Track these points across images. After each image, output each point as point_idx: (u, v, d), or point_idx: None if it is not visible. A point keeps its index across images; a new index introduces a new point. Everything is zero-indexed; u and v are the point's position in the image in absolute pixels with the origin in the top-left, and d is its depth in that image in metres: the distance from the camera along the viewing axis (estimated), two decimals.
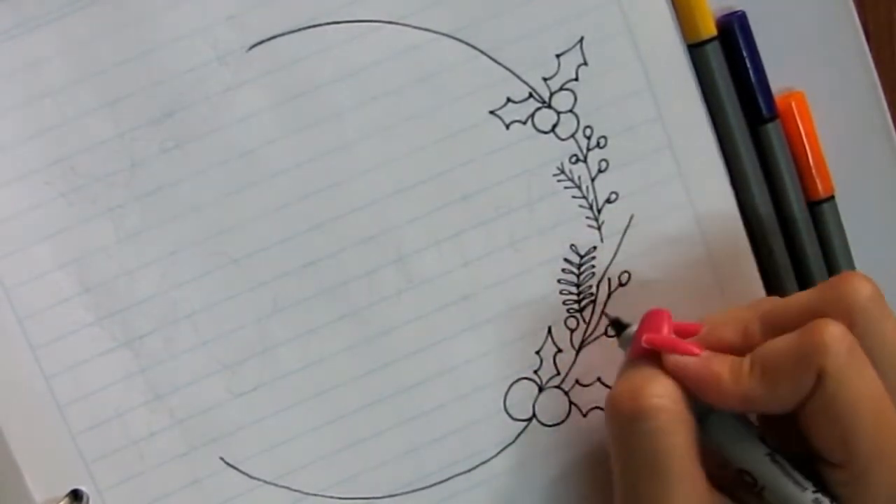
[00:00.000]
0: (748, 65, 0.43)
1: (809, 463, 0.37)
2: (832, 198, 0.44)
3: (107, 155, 0.41)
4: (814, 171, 0.44)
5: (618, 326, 0.41)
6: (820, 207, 0.44)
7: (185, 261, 0.41)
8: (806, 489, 0.37)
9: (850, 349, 0.35)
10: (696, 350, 0.38)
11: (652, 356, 0.38)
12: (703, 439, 0.38)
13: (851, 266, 0.45)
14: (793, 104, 0.44)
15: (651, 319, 0.39)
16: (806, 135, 0.44)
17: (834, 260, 0.45)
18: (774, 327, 0.38)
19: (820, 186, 0.44)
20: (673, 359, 0.37)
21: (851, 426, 0.35)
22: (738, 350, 0.38)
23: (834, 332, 0.35)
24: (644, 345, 0.38)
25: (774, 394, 0.36)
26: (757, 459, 0.37)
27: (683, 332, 0.39)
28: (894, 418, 0.36)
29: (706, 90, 0.43)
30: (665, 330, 0.39)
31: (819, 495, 0.36)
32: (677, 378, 0.37)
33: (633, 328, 0.40)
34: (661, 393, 0.37)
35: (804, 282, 0.44)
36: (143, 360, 0.41)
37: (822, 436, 0.36)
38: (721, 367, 0.37)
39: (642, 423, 0.36)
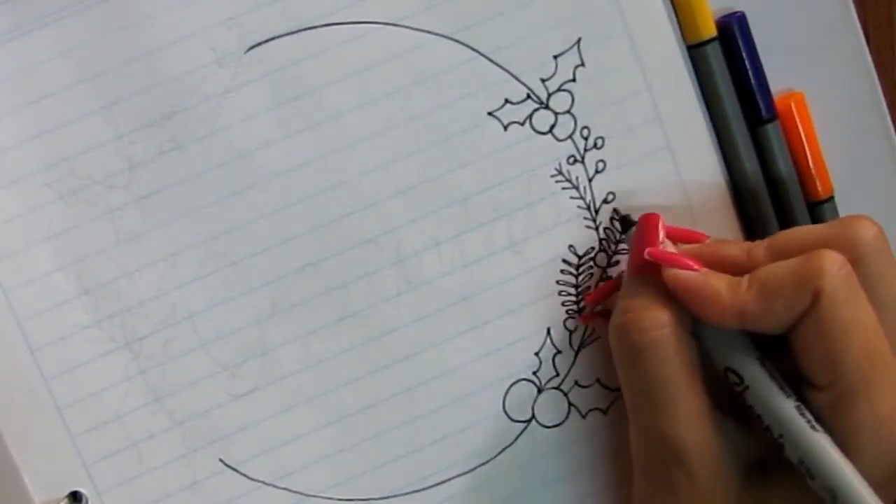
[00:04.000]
0: (747, 66, 0.43)
1: (795, 390, 0.38)
2: (832, 198, 0.44)
3: (106, 157, 0.41)
4: (813, 172, 0.44)
5: (626, 224, 0.42)
6: (820, 208, 0.44)
7: (184, 262, 0.41)
8: (790, 396, 0.37)
9: (847, 276, 0.36)
10: (696, 266, 0.38)
11: (650, 269, 0.39)
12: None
13: None
14: (792, 105, 0.44)
15: (644, 227, 0.40)
16: (805, 136, 0.44)
17: None
18: (778, 253, 0.38)
19: (819, 187, 0.44)
20: (672, 272, 0.38)
21: (841, 346, 0.36)
22: (739, 269, 0.38)
23: (834, 258, 0.36)
24: (647, 257, 0.39)
25: (770, 311, 0.37)
26: (746, 359, 0.38)
27: (687, 238, 0.40)
28: (884, 351, 0.37)
29: (706, 91, 0.43)
30: (660, 233, 0.40)
31: (801, 405, 0.37)
32: (675, 291, 0.38)
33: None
34: (660, 322, 0.38)
35: None
36: (143, 361, 0.41)
37: (811, 356, 0.37)
38: (719, 283, 0.38)
39: (644, 353, 0.38)
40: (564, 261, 0.43)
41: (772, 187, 0.44)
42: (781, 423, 0.37)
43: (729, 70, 0.43)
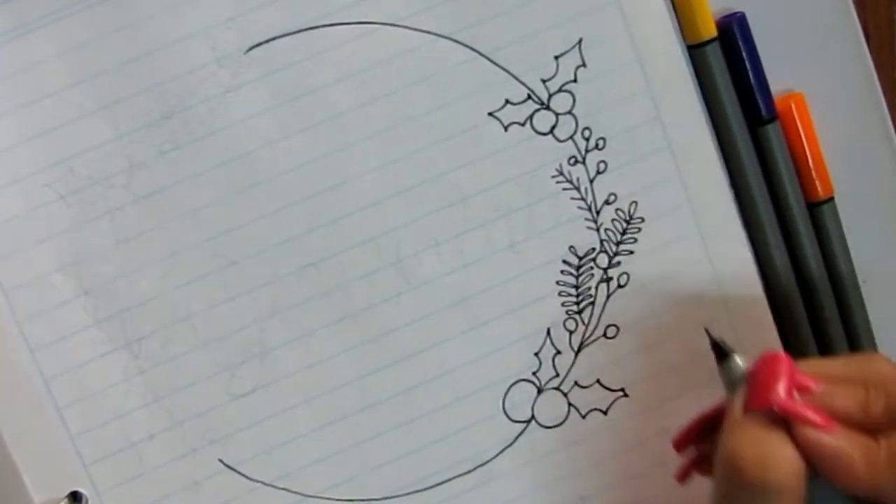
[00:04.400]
0: (747, 66, 0.43)
1: None
2: (832, 199, 0.44)
3: (105, 157, 0.41)
4: (813, 172, 0.44)
5: (719, 352, 0.38)
6: (820, 209, 0.44)
7: (183, 263, 0.41)
8: None
9: None
10: (832, 427, 0.35)
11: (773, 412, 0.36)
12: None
13: (851, 267, 0.45)
14: (792, 105, 0.44)
15: (769, 367, 0.36)
16: (805, 136, 0.44)
17: (833, 261, 0.45)
18: None
19: (819, 188, 0.44)
20: (806, 432, 0.35)
21: None
22: (854, 422, 0.36)
23: None
24: (776, 409, 0.35)
25: None
26: None
27: (797, 387, 0.37)
28: None
29: (706, 91, 0.43)
30: (784, 384, 0.36)
31: None
32: (807, 452, 0.35)
33: (738, 362, 0.37)
34: (789, 471, 0.35)
35: (804, 282, 0.44)
36: (143, 361, 0.41)
37: None
38: (854, 451, 0.35)
39: (763, 498, 0.35)
40: (565, 261, 0.43)
41: (771, 188, 0.44)
42: None
43: (729, 70, 0.43)
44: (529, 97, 0.42)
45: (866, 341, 0.45)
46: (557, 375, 0.43)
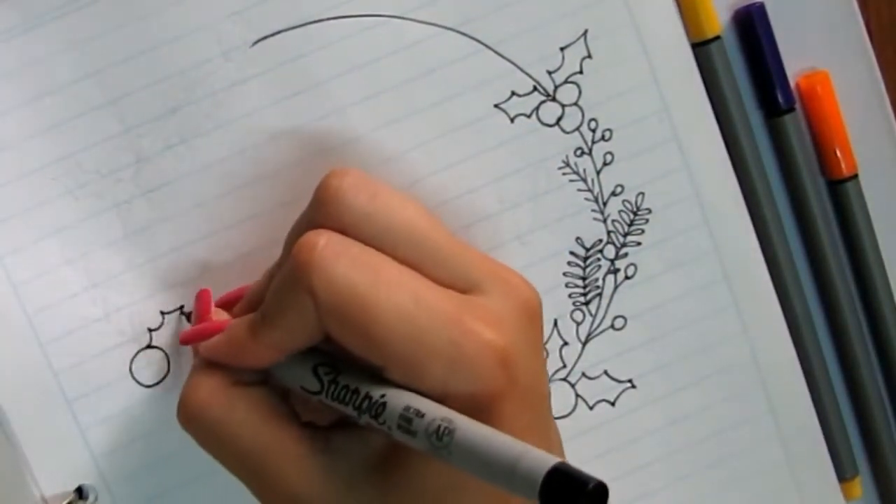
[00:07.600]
0: (766, 56, 0.43)
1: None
2: (856, 177, 0.44)
3: (112, 151, 0.41)
4: (837, 149, 0.44)
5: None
6: (843, 186, 0.44)
7: (191, 255, 0.41)
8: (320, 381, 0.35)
9: (325, 247, 0.34)
10: (219, 324, 0.37)
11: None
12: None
13: (876, 247, 0.45)
14: (815, 82, 0.44)
15: (197, 307, 0.40)
16: (829, 113, 0.44)
17: (857, 241, 0.45)
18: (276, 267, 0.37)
19: (843, 165, 0.44)
20: (202, 347, 0.37)
21: (362, 332, 0.33)
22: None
23: (305, 243, 0.34)
24: (181, 344, 0.39)
25: (285, 329, 0.35)
26: (305, 374, 0.36)
27: (232, 301, 0.40)
28: (403, 302, 0.34)
29: (710, 89, 0.43)
30: (210, 312, 0.39)
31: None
32: (215, 362, 0.37)
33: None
34: (201, 399, 0.36)
35: (817, 266, 0.45)
36: (152, 354, 0.42)
37: (353, 349, 0.34)
38: (241, 331, 0.36)
39: (199, 429, 0.36)
40: (572, 253, 0.43)
41: (788, 177, 0.44)
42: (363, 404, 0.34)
43: (747, 60, 0.43)
44: (535, 89, 0.42)
45: (891, 326, 0.45)
46: (565, 366, 0.43)
